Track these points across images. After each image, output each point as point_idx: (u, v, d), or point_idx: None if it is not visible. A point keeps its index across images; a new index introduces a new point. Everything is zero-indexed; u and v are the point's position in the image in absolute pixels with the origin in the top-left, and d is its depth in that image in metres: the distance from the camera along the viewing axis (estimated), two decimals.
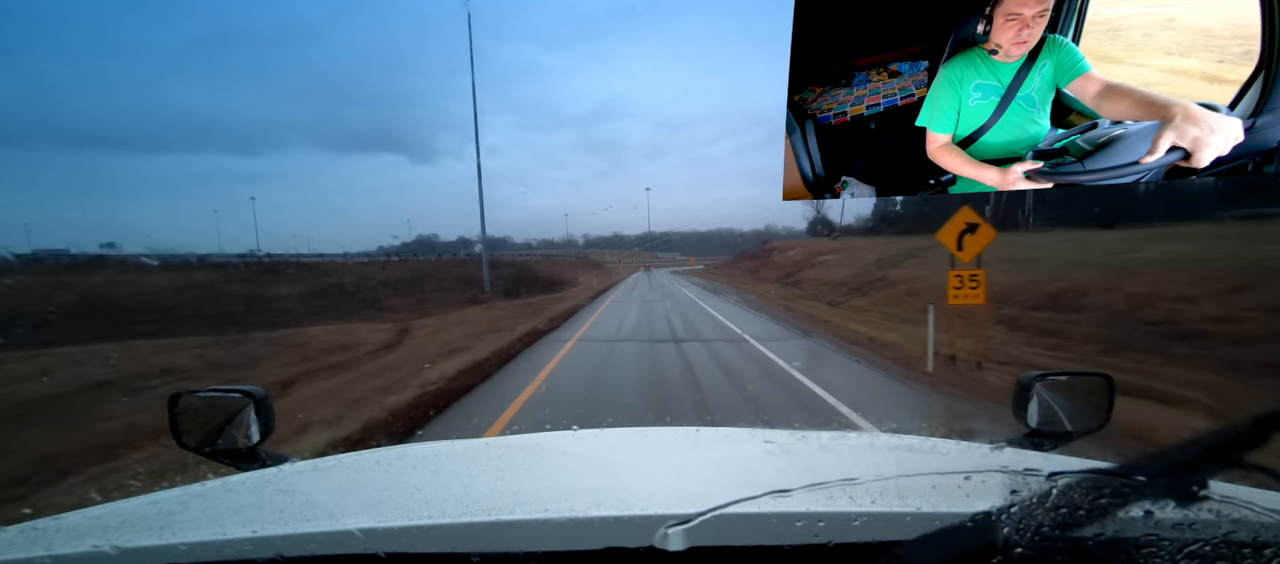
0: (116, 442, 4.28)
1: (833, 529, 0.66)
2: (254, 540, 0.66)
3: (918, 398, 5.77)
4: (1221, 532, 0.60)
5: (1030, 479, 0.71)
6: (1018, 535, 0.61)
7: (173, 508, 0.83)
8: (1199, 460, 0.78)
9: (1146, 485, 0.68)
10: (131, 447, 4.16)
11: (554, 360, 8.32)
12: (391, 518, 0.69)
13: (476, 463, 1.03)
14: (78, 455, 4.02)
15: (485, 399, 6.06)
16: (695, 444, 1.18)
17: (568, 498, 0.74)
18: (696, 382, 6.52)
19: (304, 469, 1.10)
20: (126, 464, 3.87)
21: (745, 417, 4.98)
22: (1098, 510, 0.63)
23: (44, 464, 3.85)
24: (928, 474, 0.89)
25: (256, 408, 1.29)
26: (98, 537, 0.68)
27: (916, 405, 5.50)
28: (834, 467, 1.00)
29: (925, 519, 0.67)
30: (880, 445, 1.19)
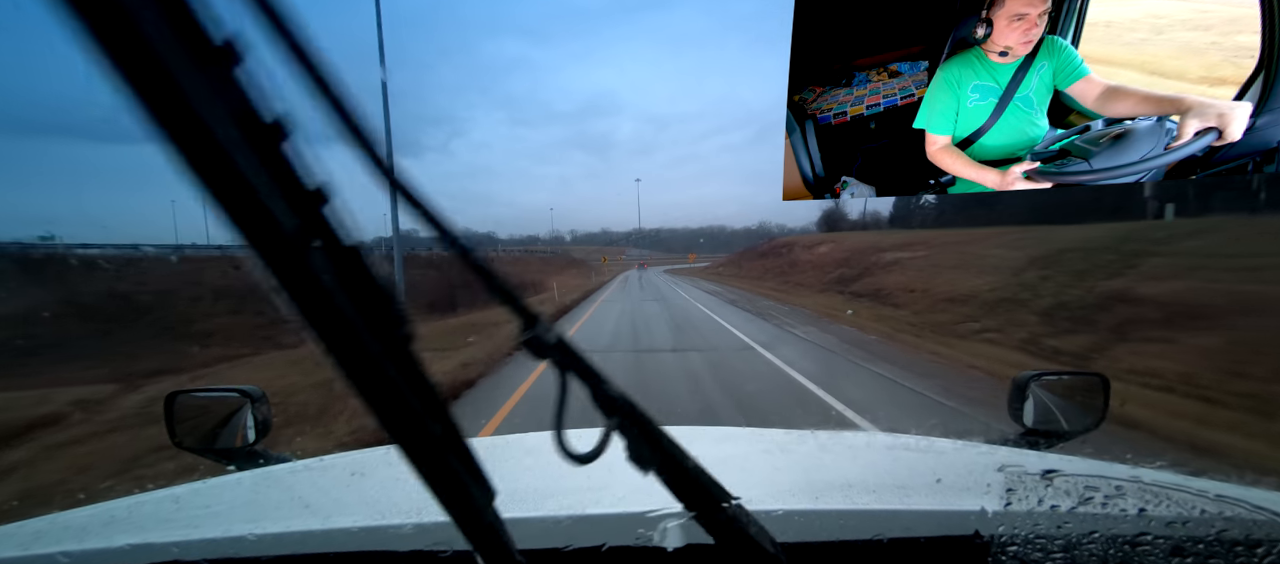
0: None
1: (829, 528, 0.66)
2: (252, 539, 0.65)
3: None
4: (1214, 530, 0.60)
5: (1026, 478, 0.73)
6: (1013, 534, 0.62)
7: (170, 507, 0.83)
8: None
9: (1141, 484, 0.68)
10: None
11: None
12: (388, 516, 0.69)
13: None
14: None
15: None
16: (693, 443, 1.18)
17: (566, 495, 0.74)
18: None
19: (301, 468, 1.10)
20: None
21: None
22: (1093, 509, 0.64)
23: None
24: (924, 473, 0.89)
25: (253, 407, 1.29)
26: (95, 535, 0.68)
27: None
28: (831, 466, 1.00)
29: (922, 518, 0.68)
30: (877, 445, 1.19)
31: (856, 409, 5.49)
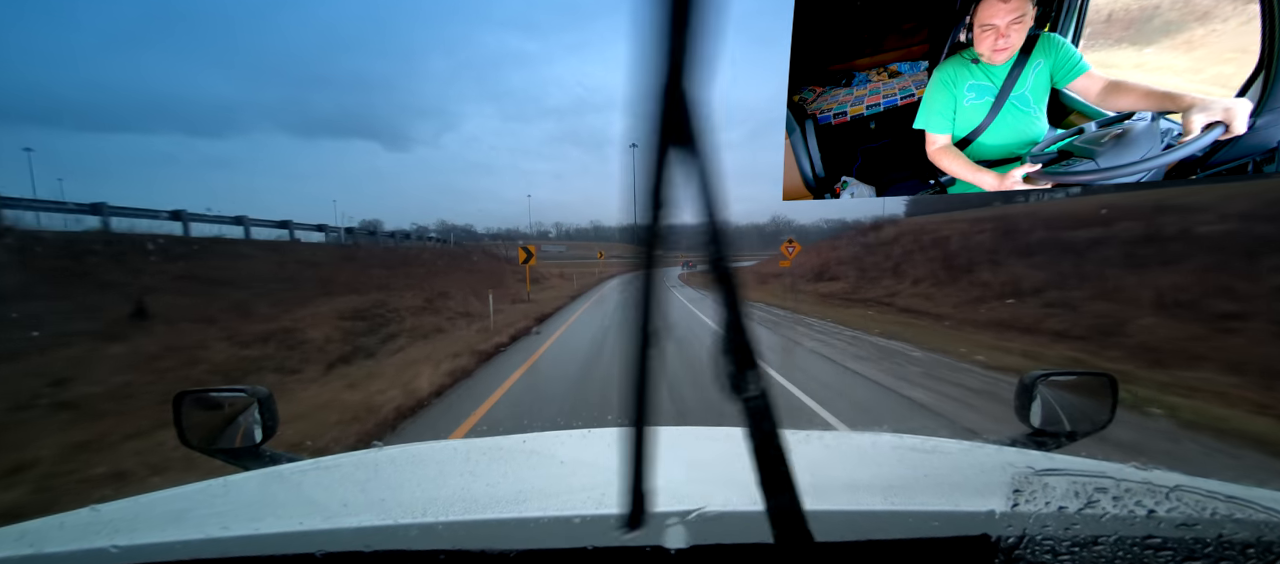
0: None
1: (835, 528, 0.66)
2: (257, 538, 0.66)
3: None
4: (1225, 531, 0.60)
5: (1033, 479, 0.72)
6: (1022, 536, 0.61)
7: (176, 506, 0.84)
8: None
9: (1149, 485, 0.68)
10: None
11: None
12: (395, 516, 0.70)
13: (479, 462, 1.04)
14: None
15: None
16: (697, 443, 1.18)
17: (572, 494, 0.74)
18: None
19: (308, 468, 1.11)
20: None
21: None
22: (1101, 510, 0.64)
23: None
24: (931, 474, 0.89)
25: (260, 407, 1.30)
26: (100, 535, 0.69)
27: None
28: (837, 466, 1.00)
29: (929, 519, 0.67)
30: (883, 445, 1.19)
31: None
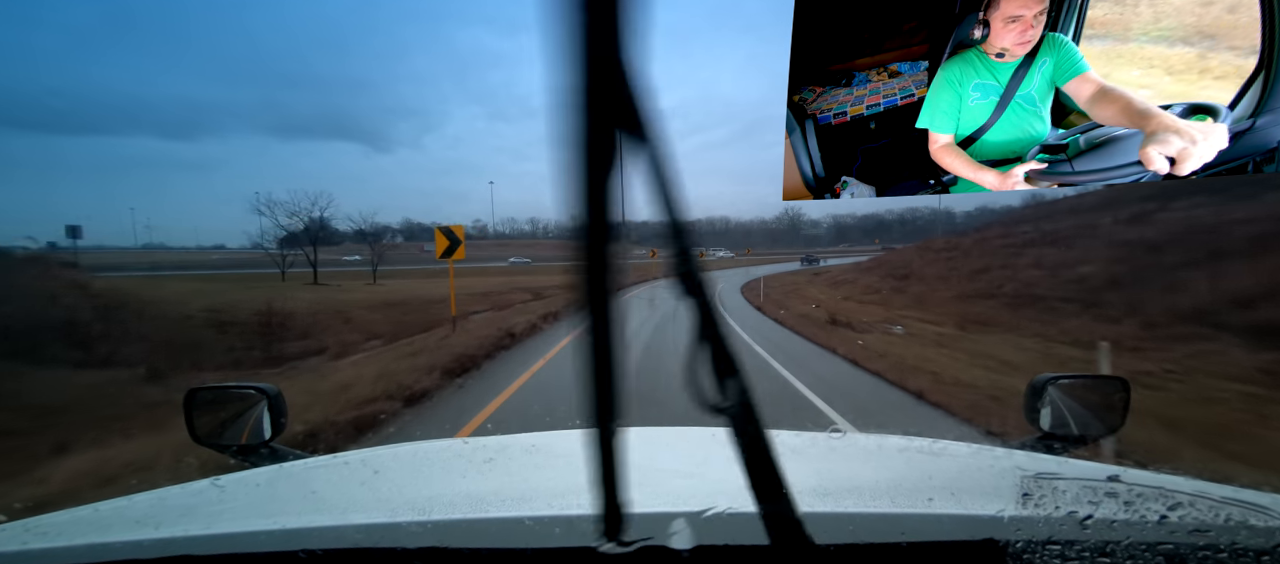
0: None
1: (840, 531, 0.66)
2: (267, 534, 0.68)
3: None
4: (1239, 539, 0.59)
5: (1042, 483, 0.70)
6: (1032, 540, 0.61)
7: (185, 502, 0.85)
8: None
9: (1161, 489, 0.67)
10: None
11: None
12: (402, 513, 0.71)
13: (483, 461, 1.05)
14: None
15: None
16: (701, 443, 1.19)
17: (578, 494, 0.75)
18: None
19: (316, 465, 1.13)
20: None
21: None
22: (1112, 515, 0.63)
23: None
24: (939, 477, 0.89)
25: (269, 404, 1.33)
26: (107, 531, 0.70)
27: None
28: (842, 468, 1.00)
29: (937, 522, 0.67)
30: (889, 448, 1.18)
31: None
